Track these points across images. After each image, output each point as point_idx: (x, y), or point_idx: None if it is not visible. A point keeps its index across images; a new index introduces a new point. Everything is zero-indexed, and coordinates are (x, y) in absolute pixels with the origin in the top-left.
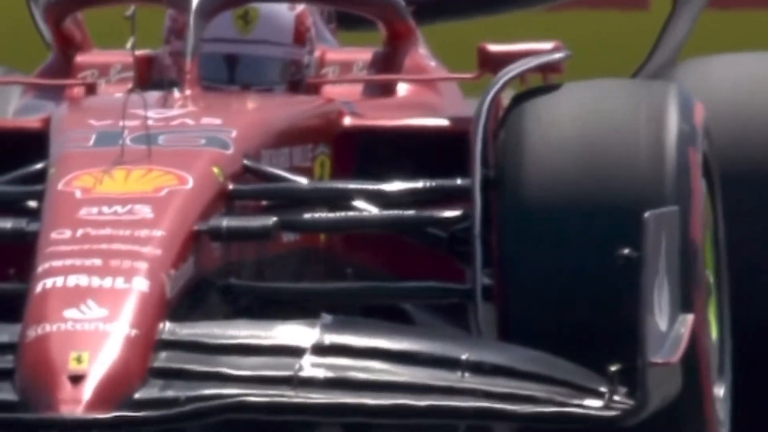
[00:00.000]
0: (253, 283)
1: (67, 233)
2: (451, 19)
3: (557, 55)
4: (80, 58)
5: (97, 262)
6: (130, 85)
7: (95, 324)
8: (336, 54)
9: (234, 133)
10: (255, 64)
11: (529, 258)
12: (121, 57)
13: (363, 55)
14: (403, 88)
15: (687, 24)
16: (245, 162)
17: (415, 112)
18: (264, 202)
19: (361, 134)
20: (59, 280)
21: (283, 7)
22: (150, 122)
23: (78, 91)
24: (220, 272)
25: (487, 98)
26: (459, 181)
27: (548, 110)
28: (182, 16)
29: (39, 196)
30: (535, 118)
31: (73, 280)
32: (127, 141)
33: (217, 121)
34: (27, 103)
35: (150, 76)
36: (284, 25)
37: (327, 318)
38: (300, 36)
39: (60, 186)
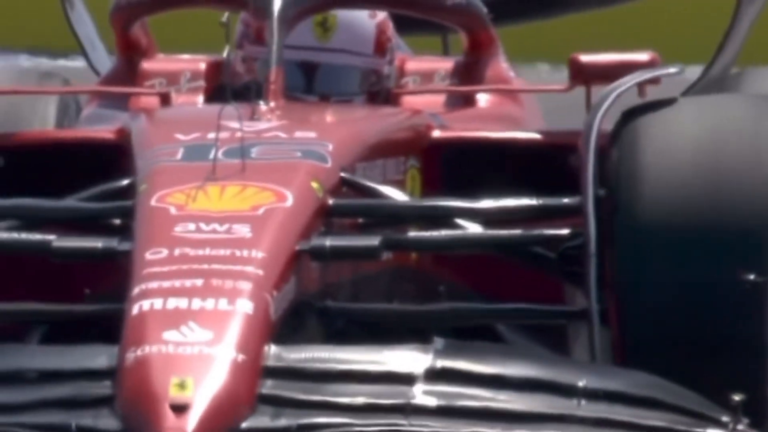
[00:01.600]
0: (351, 304)
1: (164, 252)
2: (528, 21)
3: (667, 71)
4: (146, 65)
5: (198, 282)
6: (202, 95)
7: (199, 347)
8: (416, 63)
9: (330, 147)
10: (334, 73)
11: (647, 279)
12: (188, 64)
13: (444, 64)
14: (483, 99)
15: (747, 26)
16: (342, 175)
17: (499, 125)
18: (360, 219)
19: (451, 147)
20: (157, 302)
21: (363, 15)
22: (240, 135)
23: (146, 100)
24: (318, 293)
25: (597, 114)
26: (566, 200)
27: (665, 127)
28: (256, 21)
29: (126, 213)
30: (651, 134)
31: (172, 302)
32: (219, 155)
33: (312, 134)
34: (93, 112)
35: (219, 82)
36: (365, 34)
37: (439, 342)
38: (381, 46)
39: (152, 203)
